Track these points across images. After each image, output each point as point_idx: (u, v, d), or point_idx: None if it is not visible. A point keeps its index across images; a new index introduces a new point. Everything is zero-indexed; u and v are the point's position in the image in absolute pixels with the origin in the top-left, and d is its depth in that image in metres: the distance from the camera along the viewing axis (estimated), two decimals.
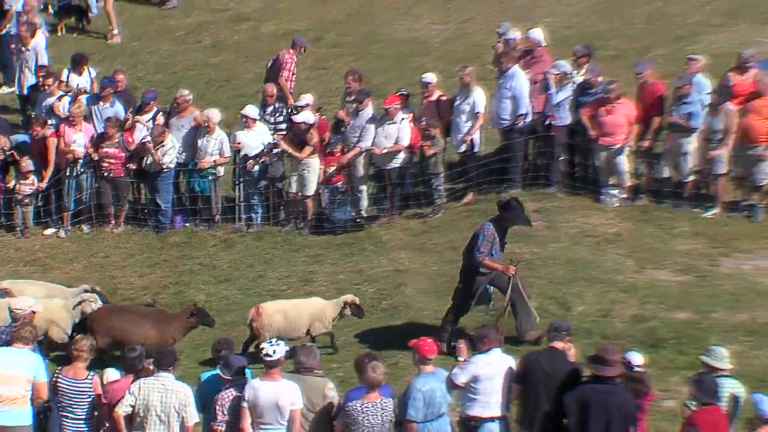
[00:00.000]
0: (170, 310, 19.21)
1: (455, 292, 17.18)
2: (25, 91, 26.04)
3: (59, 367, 14.35)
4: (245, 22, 33.72)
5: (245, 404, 12.93)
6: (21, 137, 23.10)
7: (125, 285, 21.03)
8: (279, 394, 12.82)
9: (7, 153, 22.37)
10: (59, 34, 30.12)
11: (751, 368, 15.73)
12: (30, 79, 25.79)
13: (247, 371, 13.75)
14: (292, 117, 22.94)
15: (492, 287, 17.43)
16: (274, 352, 12.97)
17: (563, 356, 13.30)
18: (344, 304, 17.59)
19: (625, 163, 22.21)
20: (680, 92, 21.54)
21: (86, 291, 18.09)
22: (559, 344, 13.37)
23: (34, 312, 15.29)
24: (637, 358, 13.86)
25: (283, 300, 18.98)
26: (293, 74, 25.70)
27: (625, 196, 22.39)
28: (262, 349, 13.47)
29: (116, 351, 17.82)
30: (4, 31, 28.58)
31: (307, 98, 23.19)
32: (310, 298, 18.65)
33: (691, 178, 21.96)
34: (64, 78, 24.66)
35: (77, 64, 25.34)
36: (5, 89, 28.35)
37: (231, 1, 34.95)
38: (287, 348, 13.54)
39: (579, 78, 22.69)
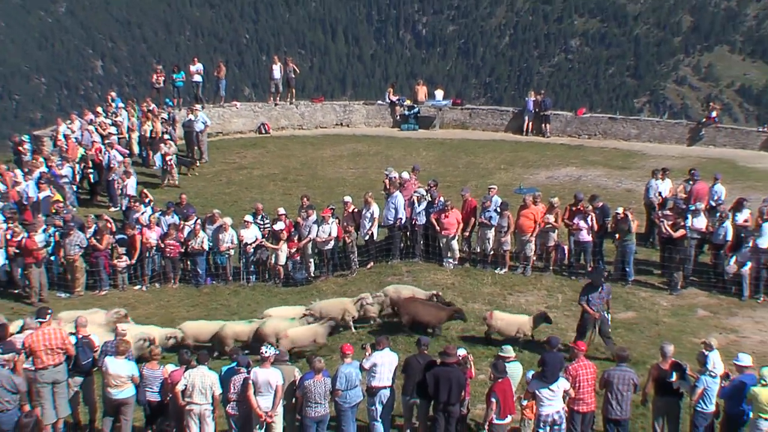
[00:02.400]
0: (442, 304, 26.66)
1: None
2: (123, 209, 36.12)
3: (142, 364, 20.88)
4: (244, 169, 43.31)
5: (250, 381, 19.35)
6: (119, 235, 32.53)
7: (179, 317, 28.15)
8: (269, 376, 19.34)
9: (113, 245, 31.95)
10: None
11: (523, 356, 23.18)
12: (125, 203, 35.99)
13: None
14: (274, 224, 32.53)
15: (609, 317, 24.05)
16: (266, 352, 19.63)
17: (427, 356, 19.77)
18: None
19: (455, 244, 31.97)
20: (484, 205, 31.46)
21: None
22: (425, 350, 20.20)
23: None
24: (462, 351, 20.54)
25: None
26: (416, 186, 33.94)
27: (455, 263, 32.08)
28: (262, 350, 19.71)
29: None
30: (110, 177, 38.06)
31: (281, 210, 33.16)
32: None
33: (491, 252, 31.62)
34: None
35: (143, 196, 35.02)
36: (113, 208, 37.96)
37: (236, 157, 44.31)
38: (276, 351, 20.08)
39: (428, 197, 32.36)
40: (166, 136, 41.82)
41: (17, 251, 30.96)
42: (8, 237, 31.10)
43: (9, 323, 22.05)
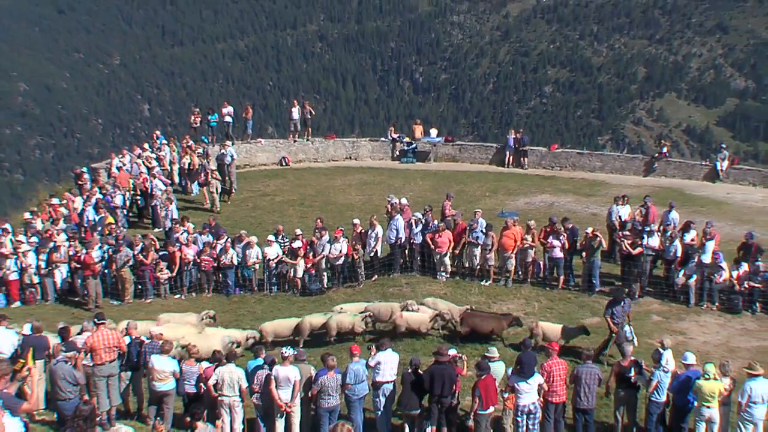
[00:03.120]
0: (500, 313, 26.66)
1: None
2: (165, 230, 36.32)
3: (181, 360, 21.06)
4: (268, 196, 43.34)
5: (273, 377, 19.60)
6: (162, 252, 32.98)
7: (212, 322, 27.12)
8: (288, 372, 19.54)
9: (157, 260, 32.27)
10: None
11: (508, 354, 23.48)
12: (168, 225, 36.18)
13: (259, 361, 20.70)
14: (292, 243, 32.48)
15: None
16: (286, 352, 19.85)
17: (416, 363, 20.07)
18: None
19: (447, 260, 31.90)
20: (472, 227, 31.56)
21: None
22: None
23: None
24: (453, 351, 21.12)
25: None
26: (451, 213, 34.24)
27: (447, 276, 31.99)
28: (282, 351, 20.13)
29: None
30: (154, 203, 38.56)
31: (299, 231, 33.12)
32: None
33: (478, 266, 31.60)
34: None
35: (183, 219, 35.44)
36: (156, 229, 37.99)
37: (260, 186, 44.41)
38: (294, 351, 20.23)
39: (424, 220, 32.36)
40: (215, 173, 42.12)
41: (78, 265, 31.63)
42: (71, 253, 31.91)
43: (70, 326, 22.46)
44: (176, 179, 44.21)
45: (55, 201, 39.60)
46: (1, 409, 9.78)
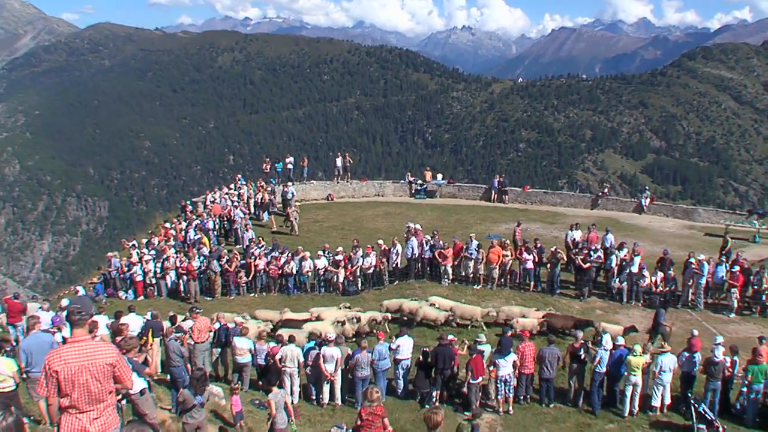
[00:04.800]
0: (569, 315, 25.58)
1: None
2: (244, 246, 35.01)
3: (255, 340, 20.84)
4: (317, 222, 42.67)
5: (321, 355, 19.55)
6: (242, 262, 32.27)
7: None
8: (332, 351, 19.49)
9: (238, 268, 31.81)
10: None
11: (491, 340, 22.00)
12: (246, 243, 35.28)
13: (311, 343, 20.48)
14: (335, 257, 31.77)
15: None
16: (331, 336, 19.87)
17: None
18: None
19: (449, 270, 31.04)
20: (467, 246, 30.84)
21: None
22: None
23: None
24: (451, 336, 21.05)
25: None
26: (520, 235, 34.35)
27: (449, 282, 31.16)
28: (327, 335, 20.11)
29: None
30: (235, 227, 38.19)
31: (340, 248, 32.36)
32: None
33: (471, 275, 30.84)
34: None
35: (258, 240, 35.05)
36: (237, 246, 36.81)
37: (312, 215, 43.42)
38: (335, 336, 20.10)
39: (432, 241, 31.79)
40: (297, 207, 41.50)
41: (182, 271, 31.87)
42: (178, 263, 32.19)
43: (177, 315, 22.82)
44: (252, 210, 43.81)
45: (167, 225, 40.47)
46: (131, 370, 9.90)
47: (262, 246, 34.12)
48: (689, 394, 18.88)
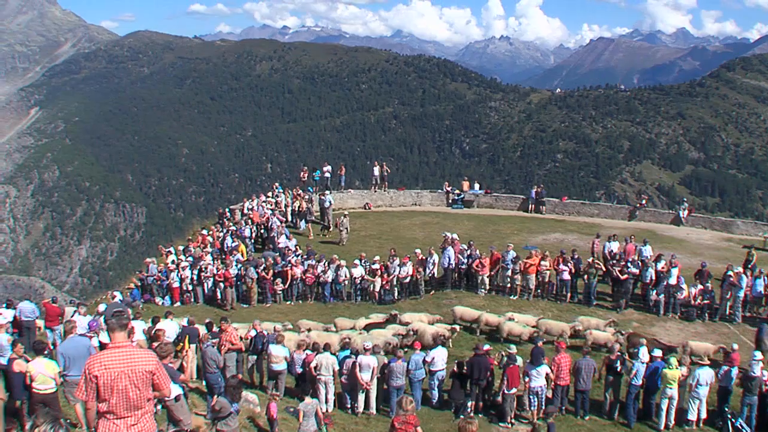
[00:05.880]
0: (653, 338, 24.49)
1: None
2: (281, 254, 34.06)
3: (295, 349, 20.90)
4: (354, 231, 41.68)
5: (357, 363, 19.57)
6: (278, 269, 32.23)
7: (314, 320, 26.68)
8: (369, 360, 19.60)
9: (274, 276, 31.99)
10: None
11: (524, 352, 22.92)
12: (282, 250, 34.59)
13: (347, 351, 20.58)
14: (372, 265, 31.77)
15: None
16: (367, 345, 19.97)
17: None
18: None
19: (486, 280, 31.06)
20: (504, 256, 30.92)
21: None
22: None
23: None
24: (487, 347, 20.82)
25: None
26: (599, 246, 34.09)
27: (485, 291, 31.11)
28: (364, 344, 20.14)
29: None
30: (272, 235, 37.69)
31: (377, 257, 32.45)
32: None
33: (507, 285, 30.84)
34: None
35: (296, 248, 34.96)
36: (274, 253, 34.98)
37: (353, 227, 41.69)
38: (372, 344, 20.21)
39: (468, 251, 31.94)
40: (347, 217, 41.22)
41: (220, 279, 32.08)
42: (215, 271, 32.36)
43: (213, 322, 22.50)
44: (289, 218, 43.94)
45: (204, 232, 40.59)
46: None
47: (299, 254, 34.25)
48: (726, 409, 18.79)
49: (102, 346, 16.59)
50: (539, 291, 31.06)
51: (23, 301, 25.26)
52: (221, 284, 32.24)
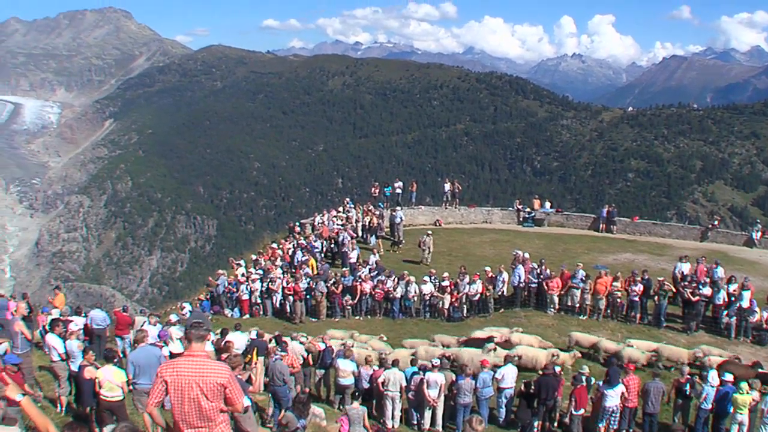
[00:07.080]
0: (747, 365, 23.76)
1: None
2: (351, 269, 34.85)
3: (363, 365, 20.86)
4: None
5: (425, 380, 19.43)
6: (348, 283, 32.66)
7: (383, 336, 27.04)
8: (436, 377, 19.42)
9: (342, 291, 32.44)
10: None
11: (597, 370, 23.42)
12: (352, 265, 35.30)
13: (414, 368, 20.38)
14: (441, 282, 32.02)
15: None
16: (435, 362, 19.80)
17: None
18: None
19: (555, 299, 30.91)
20: (574, 275, 30.69)
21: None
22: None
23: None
24: (558, 368, 20.85)
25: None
26: (704, 268, 32.52)
27: (555, 311, 31.04)
28: (433, 360, 20.11)
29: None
30: (343, 250, 37.98)
31: (446, 274, 32.56)
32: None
33: (577, 305, 30.68)
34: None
35: (364, 262, 35.75)
36: (344, 269, 36.48)
37: (419, 239, 40.58)
38: (439, 362, 20.00)
39: (539, 270, 31.91)
40: (431, 236, 41.07)
41: (289, 292, 32.40)
42: (284, 284, 32.71)
43: (282, 335, 22.74)
44: (359, 233, 44.03)
45: (274, 245, 41.05)
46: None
47: (371, 269, 34.49)
48: None
49: (172, 356, 17.22)
50: (608, 311, 30.81)
51: (94, 309, 25.65)
52: (290, 297, 32.53)
